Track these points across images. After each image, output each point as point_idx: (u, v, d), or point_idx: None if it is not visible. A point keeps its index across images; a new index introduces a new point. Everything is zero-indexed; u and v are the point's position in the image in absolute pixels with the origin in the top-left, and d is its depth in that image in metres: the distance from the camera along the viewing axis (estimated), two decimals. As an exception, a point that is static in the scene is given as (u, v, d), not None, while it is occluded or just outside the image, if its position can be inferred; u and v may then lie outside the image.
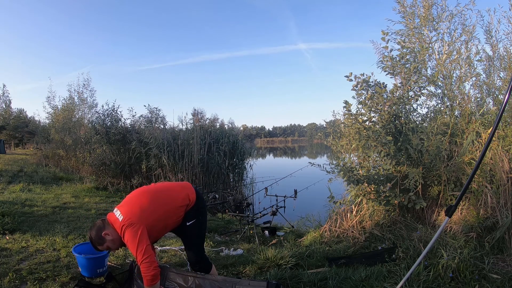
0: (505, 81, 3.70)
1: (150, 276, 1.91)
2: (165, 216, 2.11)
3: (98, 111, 11.63)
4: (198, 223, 2.25)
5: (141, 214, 2.02)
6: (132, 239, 1.94)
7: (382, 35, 3.72)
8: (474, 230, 2.97)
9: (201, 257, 2.30)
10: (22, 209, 5.10)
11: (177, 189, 2.26)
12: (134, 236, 1.94)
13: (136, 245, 1.93)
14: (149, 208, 2.06)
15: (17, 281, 2.52)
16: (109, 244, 2.07)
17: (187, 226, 2.20)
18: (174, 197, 2.18)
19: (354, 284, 2.43)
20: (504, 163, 3.02)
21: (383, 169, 3.71)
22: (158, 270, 1.94)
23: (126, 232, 1.96)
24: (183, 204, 2.17)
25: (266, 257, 3.03)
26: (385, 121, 3.69)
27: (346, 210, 4.01)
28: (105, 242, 2.06)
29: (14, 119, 27.66)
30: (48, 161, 14.12)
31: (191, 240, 2.27)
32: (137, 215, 2.01)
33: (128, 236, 1.95)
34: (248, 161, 9.90)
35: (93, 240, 2.08)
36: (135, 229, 1.96)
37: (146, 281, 1.93)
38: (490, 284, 2.24)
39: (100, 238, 2.06)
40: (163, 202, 2.14)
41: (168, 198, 2.17)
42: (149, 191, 2.19)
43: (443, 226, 1.79)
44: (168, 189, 2.27)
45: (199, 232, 2.30)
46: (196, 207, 2.25)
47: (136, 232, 1.95)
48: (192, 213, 2.22)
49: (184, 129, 9.46)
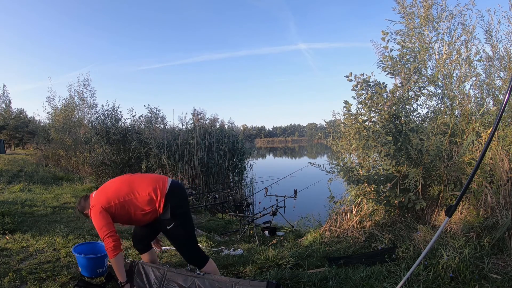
0: (505, 81, 3.70)
1: (111, 247, 2.10)
2: (127, 206, 2.22)
3: (98, 111, 11.67)
4: (178, 226, 2.24)
5: (104, 198, 2.22)
6: (94, 218, 2.20)
7: (382, 35, 3.72)
8: (474, 230, 2.97)
9: (194, 253, 2.35)
10: (22, 209, 5.09)
11: (145, 182, 2.28)
12: (95, 215, 2.19)
13: (98, 223, 2.17)
14: (113, 195, 2.24)
15: (17, 281, 2.52)
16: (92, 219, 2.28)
17: (168, 230, 2.23)
18: (138, 190, 2.25)
19: (354, 284, 2.42)
20: (504, 163, 3.02)
21: (383, 169, 3.71)
22: (118, 242, 2.14)
23: (91, 213, 2.23)
24: (146, 198, 2.21)
25: (266, 257, 3.03)
26: (385, 121, 3.69)
27: (346, 210, 4.01)
28: (88, 216, 2.32)
29: (14, 119, 27.66)
30: (48, 161, 14.13)
31: (177, 242, 2.33)
32: (100, 199, 2.23)
33: (92, 216, 2.21)
34: (248, 161, 9.90)
35: (79, 211, 2.41)
36: (96, 211, 2.19)
37: (109, 253, 2.12)
38: (490, 284, 2.24)
39: (83, 214, 2.39)
40: (126, 192, 2.25)
41: (131, 191, 2.25)
42: (121, 179, 2.37)
43: (443, 226, 1.79)
44: (138, 180, 2.32)
45: (184, 232, 2.29)
46: (171, 207, 2.21)
47: (96, 213, 2.19)
48: (168, 216, 2.21)
49: (184, 129, 9.48)
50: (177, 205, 2.26)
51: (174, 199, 2.24)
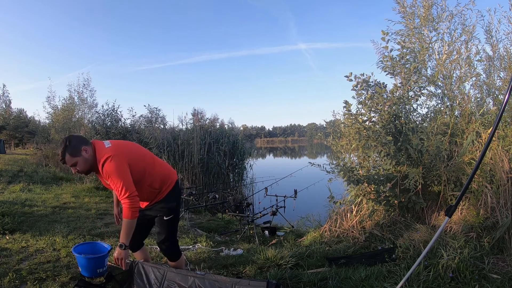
0: (505, 81, 3.70)
1: (136, 207, 1.93)
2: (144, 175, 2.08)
3: (98, 111, 11.66)
4: (174, 219, 2.30)
5: (129, 154, 2.03)
6: (117, 170, 1.91)
7: (382, 35, 3.72)
8: (474, 230, 2.96)
9: (175, 247, 2.41)
10: (22, 209, 5.09)
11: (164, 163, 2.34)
12: (119, 167, 1.91)
13: (121, 177, 1.90)
14: (138, 155, 2.09)
15: (17, 281, 2.52)
16: (80, 161, 1.95)
17: (165, 221, 2.25)
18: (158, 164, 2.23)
19: (354, 284, 2.42)
20: (504, 163, 3.02)
21: (383, 169, 3.71)
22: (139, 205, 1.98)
23: (111, 162, 1.91)
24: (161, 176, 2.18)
25: (266, 257, 3.03)
26: (385, 121, 3.69)
27: (346, 210, 4.01)
28: (78, 155, 1.95)
29: (14, 119, 27.65)
30: (48, 161, 14.12)
31: (167, 233, 2.32)
32: (125, 152, 2.01)
33: (113, 166, 1.90)
34: (248, 161, 9.90)
35: (69, 146, 1.93)
36: (121, 161, 1.93)
37: (132, 212, 1.92)
38: (490, 284, 2.24)
39: (77, 148, 1.94)
40: (150, 159, 2.17)
41: (153, 161, 2.20)
42: (141, 147, 2.26)
43: (443, 226, 1.79)
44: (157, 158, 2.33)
45: (176, 227, 2.39)
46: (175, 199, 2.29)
47: (122, 164, 1.92)
48: (170, 206, 2.25)
49: (184, 129, 9.47)
50: (179, 198, 2.37)
51: (177, 192, 2.33)
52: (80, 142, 1.97)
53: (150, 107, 9.68)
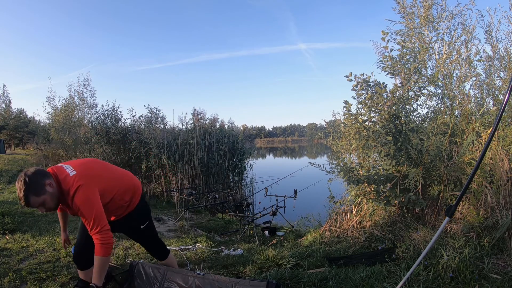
0: (505, 81, 3.70)
1: (111, 243, 1.75)
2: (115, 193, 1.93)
3: (98, 111, 11.65)
4: (149, 224, 2.28)
5: (98, 178, 1.84)
6: (89, 202, 1.71)
7: (382, 35, 3.72)
8: (474, 230, 2.96)
9: (161, 247, 2.43)
10: (22, 209, 5.09)
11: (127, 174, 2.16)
12: (90, 198, 1.72)
13: (93, 209, 1.70)
14: (106, 174, 1.91)
15: (17, 281, 2.52)
16: (47, 198, 1.71)
17: (141, 229, 2.19)
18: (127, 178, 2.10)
19: (354, 284, 2.42)
20: (504, 163, 3.02)
21: (383, 169, 3.71)
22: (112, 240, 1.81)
23: (81, 193, 1.70)
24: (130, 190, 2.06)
25: (266, 257, 3.03)
26: (385, 121, 3.68)
27: (346, 210, 4.01)
28: (43, 193, 1.69)
29: (14, 119, 27.68)
30: (48, 161, 14.12)
31: (149, 239, 2.35)
32: (94, 177, 1.81)
33: (84, 198, 1.70)
34: (248, 161, 9.90)
35: (30, 185, 1.65)
36: (92, 190, 1.74)
37: (106, 250, 1.73)
38: (490, 284, 2.24)
39: (40, 185, 1.68)
40: (117, 176, 2.01)
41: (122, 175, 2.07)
42: (103, 162, 2.09)
43: (443, 226, 1.79)
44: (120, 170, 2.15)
45: (154, 230, 2.38)
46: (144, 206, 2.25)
47: (93, 194, 1.73)
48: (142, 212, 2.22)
49: (184, 129, 9.45)
50: (147, 204, 2.33)
51: (144, 198, 2.28)
52: (42, 177, 1.71)
53: (150, 107, 9.67)
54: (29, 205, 1.69)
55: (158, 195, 8.38)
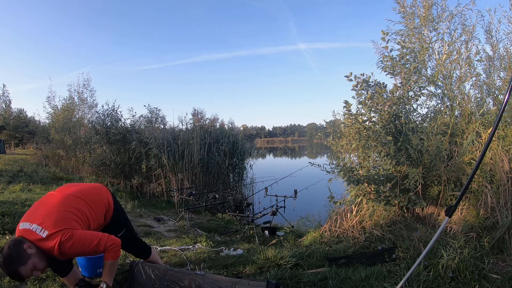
0: (505, 81, 3.70)
1: (119, 247, 1.85)
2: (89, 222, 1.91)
3: (98, 111, 11.66)
4: (127, 230, 2.30)
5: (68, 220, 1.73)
6: (79, 243, 1.65)
7: (382, 35, 3.72)
8: (474, 230, 2.97)
9: (143, 247, 2.47)
10: (22, 209, 5.08)
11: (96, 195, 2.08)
12: (79, 239, 1.67)
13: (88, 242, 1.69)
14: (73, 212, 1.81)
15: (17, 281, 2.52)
16: (35, 261, 1.64)
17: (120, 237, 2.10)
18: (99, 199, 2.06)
19: (354, 284, 2.42)
20: (504, 163, 3.02)
21: (383, 169, 3.71)
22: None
23: (67, 245, 1.63)
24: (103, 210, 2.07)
25: (266, 257, 3.03)
26: (385, 121, 3.68)
27: (346, 210, 4.01)
28: (28, 258, 1.60)
29: (14, 119, 27.68)
30: (48, 161, 14.14)
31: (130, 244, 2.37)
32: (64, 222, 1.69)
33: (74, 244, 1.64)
34: (248, 161, 9.90)
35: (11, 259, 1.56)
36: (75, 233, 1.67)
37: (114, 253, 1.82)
38: (490, 284, 2.24)
39: (21, 253, 1.58)
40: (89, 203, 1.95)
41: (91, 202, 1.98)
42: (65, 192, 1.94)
43: (443, 226, 1.79)
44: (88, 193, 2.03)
45: (134, 234, 2.42)
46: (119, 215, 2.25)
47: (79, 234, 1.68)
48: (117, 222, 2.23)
49: (184, 129, 9.46)
50: (122, 210, 2.33)
51: (117, 204, 2.27)
52: (17, 245, 1.61)
53: (150, 107, 9.68)
54: (23, 278, 1.62)
55: (158, 195, 8.38)
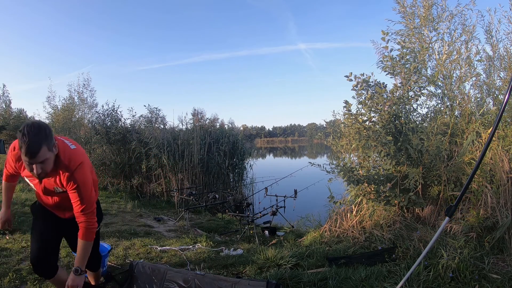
0: (505, 81, 3.70)
1: (95, 229, 1.69)
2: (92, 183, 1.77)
3: (98, 111, 11.63)
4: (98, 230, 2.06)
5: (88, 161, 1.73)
6: (88, 180, 1.62)
7: (382, 35, 3.72)
8: (474, 230, 2.96)
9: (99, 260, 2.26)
10: (22, 209, 5.09)
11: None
12: (89, 176, 1.64)
13: (90, 189, 1.64)
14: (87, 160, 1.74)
15: (17, 281, 2.52)
16: (51, 158, 1.51)
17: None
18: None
19: (354, 284, 2.42)
20: (504, 163, 3.02)
21: (383, 169, 3.71)
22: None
23: (82, 169, 1.59)
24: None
25: (266, 257, 3.03)
26: (385, 121, 3.68)
27: (346, 210, 4.01)
28: (51, 150, 1.49)
29: (14, 119, 27.64)
30: (48, 161, 14.10)
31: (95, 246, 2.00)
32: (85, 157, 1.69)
33: (85, 175, 1.61)
34: (248, 161, 9.90)
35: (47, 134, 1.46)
36: (90, 170, 1.67)
37: (91, 235, 1.66)
38: (490, 284, 2.24)
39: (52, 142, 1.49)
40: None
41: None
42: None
43: (443, 226, 1.78)
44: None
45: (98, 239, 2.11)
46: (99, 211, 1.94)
47: (88, 175, 1.64)
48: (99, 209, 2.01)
49: (184, 129, 9.45)
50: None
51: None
52: (52, 135, 1.52)
53: (150, 107, 9.66)
54: (35, 155, 1.44)
55: (158, 195, 8.38)
